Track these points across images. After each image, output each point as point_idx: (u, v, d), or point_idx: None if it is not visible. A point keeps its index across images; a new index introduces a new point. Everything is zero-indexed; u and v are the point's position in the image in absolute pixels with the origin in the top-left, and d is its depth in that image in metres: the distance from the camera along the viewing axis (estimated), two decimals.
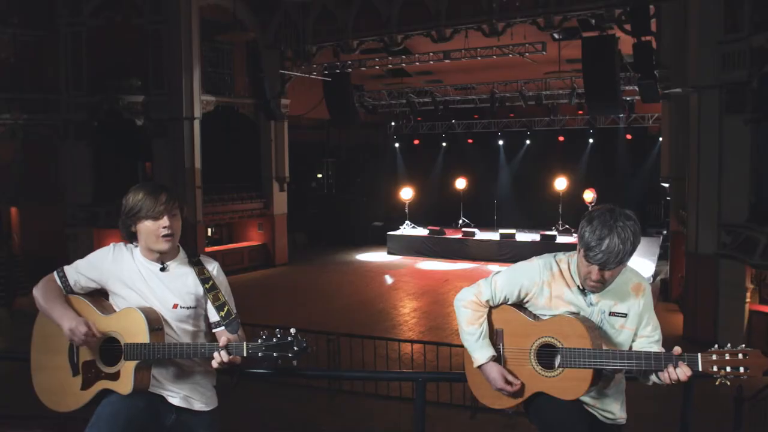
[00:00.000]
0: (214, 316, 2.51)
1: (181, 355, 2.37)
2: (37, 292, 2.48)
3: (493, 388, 2.46)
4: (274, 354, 2.24)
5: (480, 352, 2.49)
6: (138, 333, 2.35)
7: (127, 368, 2.36)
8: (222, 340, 2.35)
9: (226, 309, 2.47)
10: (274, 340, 2.25)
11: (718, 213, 12.51)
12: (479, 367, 2.49)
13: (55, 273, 2.53)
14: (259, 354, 2.25)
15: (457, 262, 21.40)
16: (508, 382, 2.42)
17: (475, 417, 9.32)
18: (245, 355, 2.27)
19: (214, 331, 2.53)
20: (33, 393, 2.53)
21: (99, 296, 2.56)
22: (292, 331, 2.27)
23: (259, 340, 2.26)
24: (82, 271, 2.50)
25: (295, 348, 2.25)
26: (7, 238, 18.51)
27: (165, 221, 2.39)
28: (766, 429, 8.39)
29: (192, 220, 18.29)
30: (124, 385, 2.36)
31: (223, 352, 2.28)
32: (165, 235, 2.40)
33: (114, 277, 2.47)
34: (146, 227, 2.41)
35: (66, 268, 2.53)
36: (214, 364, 2.30)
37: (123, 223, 2.46)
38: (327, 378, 9.87)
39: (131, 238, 2.48)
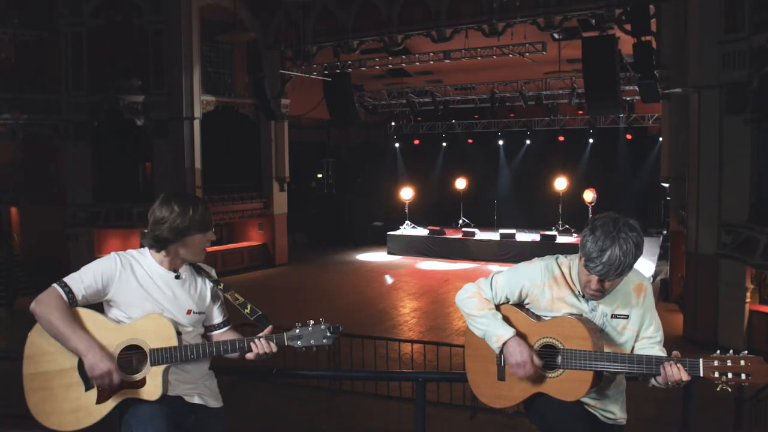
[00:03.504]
0: (217, 317, 2.60)
1: (218, 353, 2.44)
2: (42, 310, 2.30)
3: (519, 360, 2.37)
4: (311, 341, 2.40)
5: (503, 329, 2.43)
6: (165, 338, 2.35)
7: (155, 373, 2.34)
8: (266, 331, 2.48)
9: (249, 306, 2.57)
10: (309, 329, 2.42)
11: (718, 213, 12.50)
12: (504, 344, 2.41)
13: (57, 287, 2.34)
14: (299, 342, 2.40)
15: (457, 262, 21.40)
16: (530, 361, 2.37)
17: (475, 417, 9.33)
18: (286, 344, 2.42)
19: (215, 332, 2.58)
20: None
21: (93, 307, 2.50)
22: (321, 320, 2.46)
23: (297, 330, 2.42)
24: (90, 284, 2.37)
25: (329, 333, 2.41)
26: (7, 238, 18.51)
27: (212, 234, 2.53)
28: (767, 430, 8.39)
29: None
30: (153, 391, 2.33)
31: (266, 342, 2.42)
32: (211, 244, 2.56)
33: (126, 288, 2.41)
34: (195, 241, 2.46)
35: (67, 280, 2.36)
36: (251, 356, 2.43)
37: (166, 236, 2.39)
38: (327, 378, 9.87)
39: (161, 248, 2.44)
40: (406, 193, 24.40)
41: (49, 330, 2.32)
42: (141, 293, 2.42)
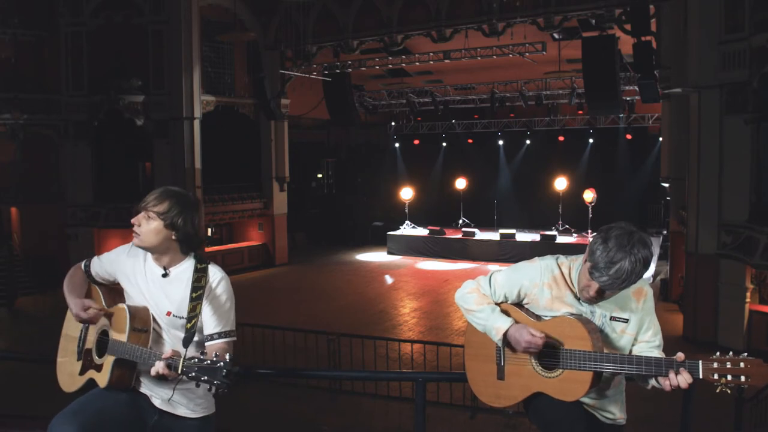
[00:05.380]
0: (208, 328, 2.44)
1: (137, 359, 2.33)
2: (67, 278, 2.62)
3: (523, 345, 2.37)
4: (203, 378, 2.10)
5: (501, 320, 2.44)
6: (121, 331, 2.38)
7: (108, 362, 2.39)
8: (167, 352, 2.24)
9: (193, 322, 2.39)
10: (207, 363, 2.12)
11: (718, 213, 12.51)
12: (505, 334, 2.41)
13: (83, 262, 2.66)
14: (191, 374, 2.13)
15: (457, 262, 21.41)
16: (533, 335, 2.34)
17: (474, 417, 9.33)
18: (179, 372, 2.16)
19: (207, 344, 2.44)
20: (32, 393, 2.55)
21: (119, 290, 2.61)
22: (227, 356, 2.14)
23: (195, 360, 2.14)
24: (104, 265, 2.60)
25: (224, 375, 2.09)
26: (7, 238, 18.52)
27: (134, 219, 2.42)
28: (767, 430, 8.39)
29: None
30: (103, 378, 2.39)
31: (160, 363, 2.21)
32: (133, 230, 2.44)
33: (123, 275, 2.52)
34: None
35: (94, 259, 2.64)
36: (152, 372, 2.24)
37: None
38: (327, 378, 9.87)
39: None
40: (406, 193, 24.40)
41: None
42: (133, 284, 2.48)
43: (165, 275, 2.47)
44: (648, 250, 2.21)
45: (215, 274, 2.48)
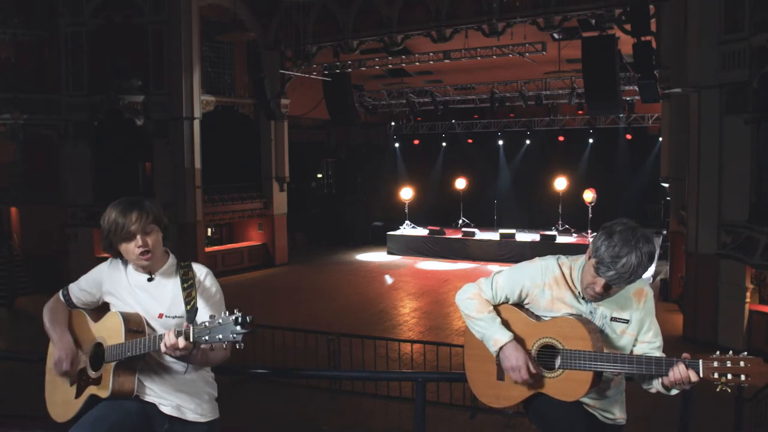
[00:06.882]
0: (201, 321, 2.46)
1: (142, 349, 2.32)
2: (45, 310, 2.59)
3: (514, 364, 2.37)
4: (219, 336, 2.10)
5: (500, 333, 2.43)
6: (117, 335, 2.37)
7: (107, 370, 2.37)
8: (175, 325, 2.28)
9: (192, 304, 2.43)
10: (218, 322, 2.11)
11: (718, 213, 12.51)
12: (501, 348, 2.41)
13: (60, 292, 2.64)
14: (205, 338, 2.12)
15: (457, 262, 21.41)
16: (526, 365, 2.35)
17: (474, 417, 9.33)
18: (191, 339, 2.14)
19: None
20: (32, 393, 2.55)
21: (102, 310, 2.60)
22: (236, 311, 2.13)
23: (207, 323, 2.14)
24: (83, 288, 2.59)
25: (239, 328, 2.08)
26: (7, 238, 18.52)
27: (138, 241, 2.37)
28: (767, 430, 8.39)
29: (192, 220, 18.33)
30: (105, 388, 2.37)
31: (171, 334, 2.19)
32: (142, 253, 2.38)
33: (108, 292, 2.53)
34: (125, 248, 2.40)
35: (71, 286, 2.62)
36: (162, 348, 2.22)
37: (106, 244, 2.42)
38: (327, 378, 9.87)
39: (120, 256, 2.47)
40: (406, 193, 24.40)
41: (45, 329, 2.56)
42: (121, 295, 2.48)
43: (150, 279, 2.48)
44: (651, 245, 2.23)
45: (200, 269, 2.54)
